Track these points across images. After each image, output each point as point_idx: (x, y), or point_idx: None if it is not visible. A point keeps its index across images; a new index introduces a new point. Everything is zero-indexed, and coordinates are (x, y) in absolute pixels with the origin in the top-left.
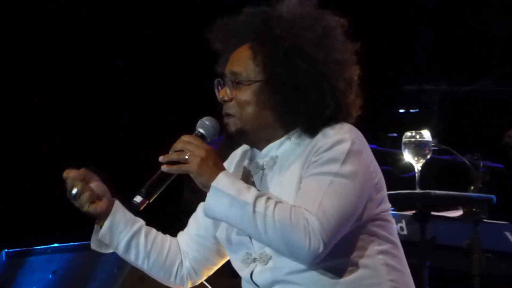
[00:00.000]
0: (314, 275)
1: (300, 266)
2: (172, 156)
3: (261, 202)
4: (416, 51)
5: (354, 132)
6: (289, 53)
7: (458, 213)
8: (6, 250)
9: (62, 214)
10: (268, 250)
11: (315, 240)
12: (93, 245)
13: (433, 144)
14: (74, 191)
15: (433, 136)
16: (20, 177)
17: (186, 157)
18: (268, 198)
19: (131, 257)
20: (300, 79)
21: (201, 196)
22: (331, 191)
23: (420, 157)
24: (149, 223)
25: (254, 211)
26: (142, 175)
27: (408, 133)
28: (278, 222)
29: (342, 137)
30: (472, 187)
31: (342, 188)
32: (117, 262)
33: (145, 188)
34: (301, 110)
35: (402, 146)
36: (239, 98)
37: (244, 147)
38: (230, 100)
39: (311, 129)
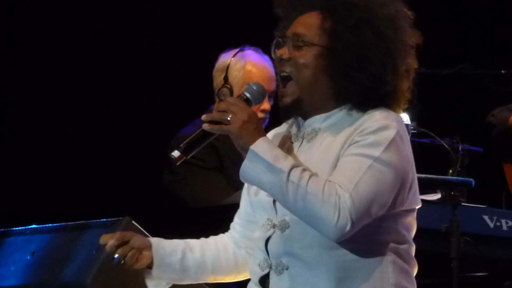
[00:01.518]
0: (322, 255)
1: (313, 243)
2: (215, 115)
3: (297, 172)
4: None
5: (401, 123)
6: (360, 23)
7: (436, 196)
8: None
9: (40, 195)
10: (288, 219)
11: (343, 217)
12: None
13: (412, 127)
14: (116, 258)
15: (412, 119)
16: None
17: (229, 118)
18: (304, 170)
19: (190, 280)
20: (366, 50)
21: (180, 178)
22: (368, 174)
23: None
24: (130, 206)
25: (288, 179)
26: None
27: None
28: (309, 194)
29: (389, 123)
30: (450, 171)
31: (379, 173)
32: (96, 244)
33: (184, 144)
34: (359, 80)
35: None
36: (298, 59)
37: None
38: (288, 59)
39: (363, 104)
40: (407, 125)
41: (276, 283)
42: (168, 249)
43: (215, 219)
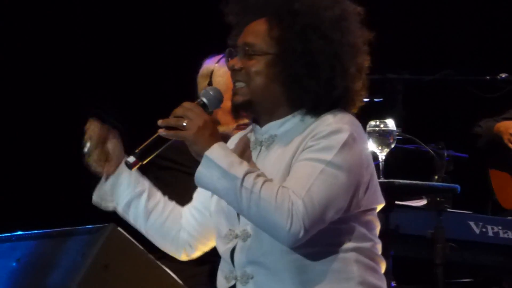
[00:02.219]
0: (284, 260)
1: (274, 250)
2: (170, 121)
3: (250, 178)
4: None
5: (355, 125)
6: (306, 29)
7: (422, 202)
8: None
9: (25, 202)
10: (249, 228)
11: (296, 224)
12: (95, 198)
13: (397, 133)
14: (86, 148)
15: (397, 125)
16: None
17: (184, 123)
18: (258, 175)
19: (129, 218)
20: (314, 56)
21: (164, 183)
22: (321, 179)
23: (384, 146)
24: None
25: (241, 185)
26: None
27: (372, 122)
28: (262, 200)
29: (342, 127)
30: (436, 177)
31: (332, 177)
32: (81, 250)
33: (139, 150)
34: (310, 87)
35: (366, 135)
36: (250, 68)
37: (246, 130)
38: (240, 69)
39: (317, 109)
40: (391, 131)
41: None
42: (132, 178)
43: None
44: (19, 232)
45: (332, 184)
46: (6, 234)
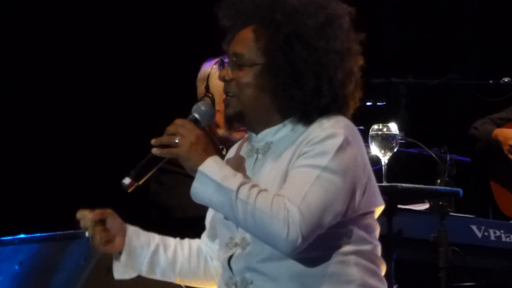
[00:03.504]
0: (283, 267)
1: (272, 256)
2: (163, 139)
3: (245, 189)
4: (384, 44)
5: (349, 128)
6: (289, 39)
7: (424, 206)
8: None
9: (28, 205)
10: (248, 236)
11: (293, 232)
12: (117, 275)
13: (400, 137)
14: (87, 235)
15: (400, 129)
16: None
17: (177, 140)
18: (252, 186)
19: (157, 276)
20: (298, 66)
21: (167, 186)
22: (317, 185)
23: (387, 150)
24: (119, 212)
25: (236, 197)
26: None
27: (375, 126)
28: (258, 210)
29: (336, 131)
30: (438, 181)
31: (328, 183)
32: (84, 253)
33: (134, 170)
34: (297, 96)
35: (369, 139)
36: (240, 79)
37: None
38: (231, 80)
39: (306, 117)
40: (394, 135)
41: None
42: (142, 240)
43: (201, 228)
44: (22, 235)
45: (328, 190)
46: (9, 237)
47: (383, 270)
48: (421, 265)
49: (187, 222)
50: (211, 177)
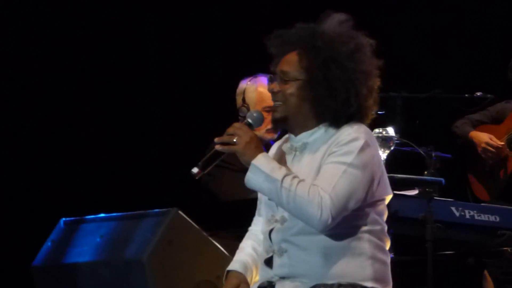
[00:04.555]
0: (312, 240)
1: (304, 231)
2: (224, 138)
3: (288, 180)
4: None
5: (368, 134)
6: (326, 61)
7: (414, 192)
8: (64, 218)
9: (108, 191)
10: (286, 215)
11: (325, 213)
12: None
13: (396, 139)
14: None
15: (396, 132)
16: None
17: (235, 140)
18: (294, 177)
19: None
20: (333, 82)
21: (214, 178)
22: (344, 177)
23: (385, 149)
24: (177, 199)
25: (281, 186)
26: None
27: (376, 130)
28: (298, 196)
29: (358, 135)
30: (426, 172)
31: (352, 176)
32: (151, 229)
33: (201, 162)
34: (330, 105)
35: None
36: (285, 91)
37: (283, 138)
38: (278, 92)
39: (337, 122)
40: (391, 137)
41: (278, 262)
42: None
43: (241, 210)
44: (102, 215)
45: (352, 181)
46: (92, 216)
47: (388, 245)
48: (412, 238)
49: (229, 205)
50: (262, 169)
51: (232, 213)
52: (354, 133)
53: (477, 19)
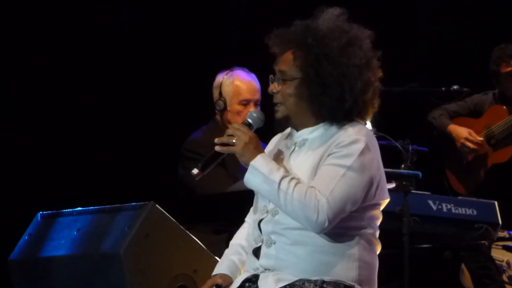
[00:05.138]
0: (303, 235)
1: (295, 226)
2: (223, 139)
3: (285, 182)
4: None
5: (369, 136)
6: (318, 58)
7: (392, 185)
8: (41, 212)
9: (84, 185)
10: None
11: (322, 217)
12: None
13: (373, 132)
14: None
15: (373, 125)
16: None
17: (234, 140)
18: (292, 179)
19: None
20: (325, 78)
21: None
22: (342, 181)
23: None
24: (153, 194)
25: (279, 188)
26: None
27: None
28: (295, 199)
29: (359, 138)
30: (403, 166)
31: (351, 179)
32: (127, 222)
33: (201, 163)
34: (325, 102)
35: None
36: (284, 91)
37: (286, 131)
38: (278, 92)
39: (335, 118)
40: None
41: (265, 253)
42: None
43: (218, 203)
44: (79, 208)
45: (351, 185)
46: (68, 210)
47: (378, 249)
48: (389, 231)
49: (205, 198)
50: (260, 170)
51: (209, 206)
52: (355, 135)
53: (453, 13)
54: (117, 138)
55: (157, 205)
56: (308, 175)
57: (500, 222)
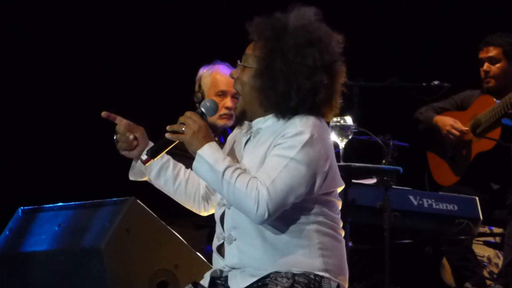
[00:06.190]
0: (257, 229)
1: (249, 220)
2: (174, 127)
3: (229, 171)
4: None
5: (317, 127)
6: (272, 52)
7: (373, 181)
8: (22, 207)
9: (65, 180)
10: None
11: (261, 208)
12: (131, 177)
13: (353, 127)
14: (114, 137)
15: (354, 121)
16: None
17: (183, 129)
18: (236, 169)
19: (160, 183)
20: (275, 73)
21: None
22: (284, 171)
23: (343, 137)
24: (134, 189)
25: (222, 178)
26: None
27: (334, 119)
28: (237, 189)
29: (304, 129)
30: (383, 161)
31: (293, 170)
32: (108, 217)
33: (150, 149)
34: (271, 97)
35: (330, 129)
36: (241, 77)
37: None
38: (237, 78)
39: (281, 114)
40: (349, 126)
41: (228, 251)
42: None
43: None
44: (60, 203)
45: (293, 176)
46: (49, 205)
47: (342, 234)
48: (370, 226)
49: None
50: (206, 159)
51: None
52: (300, 127)
53: (434, 8)
54: (98, 133)
55: (138, 200)
56: (257, 165)
57: (481, 217)
